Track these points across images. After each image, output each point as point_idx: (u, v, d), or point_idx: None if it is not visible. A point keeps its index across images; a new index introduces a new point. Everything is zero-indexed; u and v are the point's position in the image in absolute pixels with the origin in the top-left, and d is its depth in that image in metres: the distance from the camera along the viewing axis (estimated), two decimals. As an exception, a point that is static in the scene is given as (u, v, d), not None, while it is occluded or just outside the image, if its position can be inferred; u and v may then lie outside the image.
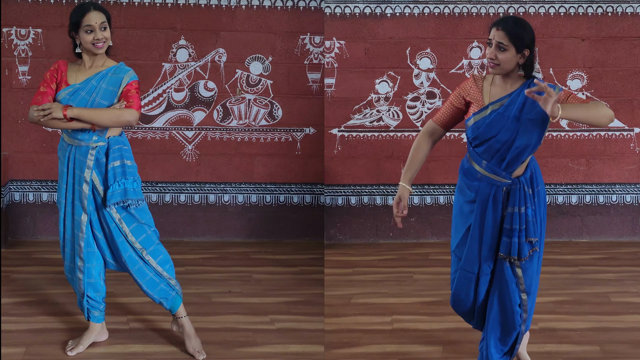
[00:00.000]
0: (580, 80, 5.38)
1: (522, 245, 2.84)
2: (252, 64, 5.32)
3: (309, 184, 5.42)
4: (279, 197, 5.43)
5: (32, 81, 5.19)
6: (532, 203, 2.86)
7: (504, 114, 2.82)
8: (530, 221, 2.84)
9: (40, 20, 5.14)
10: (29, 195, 5.28)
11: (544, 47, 5.32)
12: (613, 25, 5.34)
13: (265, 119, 5.37)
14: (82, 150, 3.24)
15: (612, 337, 3.63)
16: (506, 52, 2.76)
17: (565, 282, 4.49)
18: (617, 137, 5.42)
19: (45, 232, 5.28)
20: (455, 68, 5.39)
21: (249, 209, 5.41)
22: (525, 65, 2.81)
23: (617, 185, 5.45)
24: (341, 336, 3.69)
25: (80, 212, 3.27)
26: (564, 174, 5.46)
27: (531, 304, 3.02)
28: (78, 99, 3.19)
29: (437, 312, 3.96)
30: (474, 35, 5.35)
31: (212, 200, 5.39)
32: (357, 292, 4.34)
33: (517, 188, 2.84)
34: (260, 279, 4.53)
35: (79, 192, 3.26)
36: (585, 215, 5.47)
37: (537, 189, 2.92)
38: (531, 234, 2.85)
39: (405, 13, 5.37)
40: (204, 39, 5.25)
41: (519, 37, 2.76)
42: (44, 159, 5.24)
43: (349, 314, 3.99)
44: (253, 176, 5.39)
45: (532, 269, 2.94)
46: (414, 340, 3.63)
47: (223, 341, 3.57)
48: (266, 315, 3.90)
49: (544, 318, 3.85)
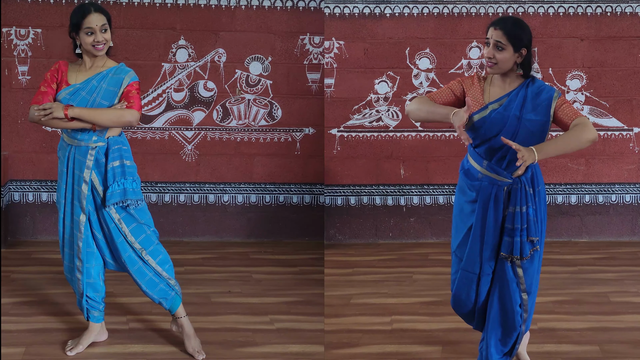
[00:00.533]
0: (580, 80, 5.38)
1: (524, 245, 2.85)
2: (252, 64, 5.32)
3: (309, 184, 5.42)
4: (279, 197, 5.43)
5: (31, 81, 5.19)
6: (533, 202, 2.87)
7: (504, 114, 2.83)
8: (531, 220, 2.85)
9: (40, 20, 5.14)
10: (29, 195, 5.28)
11: (543, 47, 5.32)
12: (612, 25, 5.34)
13: (265, 119, 5.37)
14: (81, 150, 3.24)
15: (612, 336, 3.63)
16: (504, 52, 2.79)
17: (565, 282, 4.49)
18: (616, 136, 5.42)
19: (44, 232, 5.28)
20: (454, 68, 5.39)
21: (248, 209, 5.41)
22: (523, 65, 2.83)
23: (616, 185, 5.46)
24: (341, 336, 3.69)
25: (79, 212, 3.27)
26: (563, 174, 5.46)
27: (531, 304, 3.02)
28: (78, 99, 3.19)
29: (437, 312, 3.96)
30: (473, 35, 5.35)
31: (212, 200, 5.39)
32: (357, 293, 4.34)
33: (519, 188, 2.85)
34: (259, 279, 4.54)
35: (78, 192, 3.26)
36: (584, 215, 5.48)
37: (537, 188, 2.93)
38: (532, 233, 2.86)
39: (405, 13, 5.37)
40: (203, 39, 5.25)
41: (517, 36, 2.78)
42: (43, 159, 5.24)
43: (348, 314, 3.99)
44: (252, 176, 5.40)
45: (532, 268, 2.94)
46: (413, 341, 3.63)
47: (223, 341, 3.57)
48: (266, 315, 3.91)
49: (543, 318, 3.85)
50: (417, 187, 5.45)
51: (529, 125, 2.84)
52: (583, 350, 3.48)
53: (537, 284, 3.02)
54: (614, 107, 5.40)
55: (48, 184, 5.27)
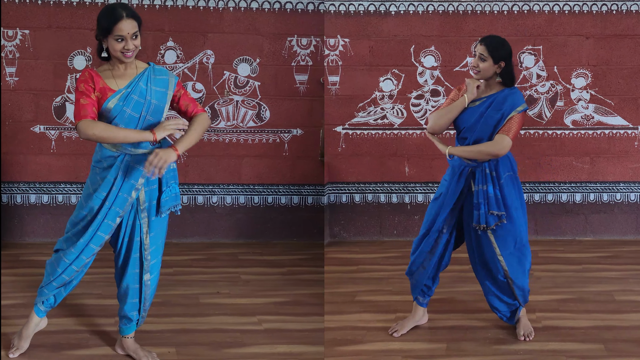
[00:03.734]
0: (585, 79, 5.37)
1: (488, 216, 3.45)
2: (240, 66, 5.32)
3: (297, 185, 5.42)
4: (267, 198, 5.43)
5: (19, 82, 5.17)
6: (494, 184, 3.46)
7: (476, 110, 3.47)
8: (491, 197, 3.44)
9: (28, 22, 5.13)
10: (17, 197, 5.25)
11: (548, 45, 5.32)
12: (618, 23, 5.33)
13: (253, 120, 5.36)
14: (137, 157, 3.10)
15: (616, 335, 3.63)
16: (485, 62, 3.43)
17: (569, 280, 4.48)
18: (621, 135, 5.41)
19: (32, 234, 5.26)
20: (459, 66, 5.39)
21: (237, 210, 5.41)
22: (502, 75, 3.46)
23: (621, 184, 5.45)
24: (345, 333, 3.69)
25: (115, 216, 3.14)
26: (568, 172, 5.45)
27: (509, 266, 3.52)
28: (132, 104, 3.05)
29: (441, 310, 3.96)
30: (478, 33, 5.35)
31: (201, 202, 5.39)
32: (361, 290, 4.34)
33: (480, 169, 3.47)
34: (248, 279, 4.53)
35: (122, 199, 3.12)
36: (589, 214, 5.47)
37: (506, 174, 3.48)
38: (493, 208, 3.44)
39: (410, 11, 5.37)
40: (191, 40, 5.24)
41: (497, 50, 3.42)
42: (31, 161, 5.22)
43: (352, 311, 3.99)
44: (241, 177, 5.39)
45: (504, 236, 3.50)
46: (417, 338, 3.63)
47: (211, 342, 3.55)
48: (254, 316, 3.89)
49: (547, 316, 3.85)
50: (421, 185, 5.45)
51: (487, 123, 3.43)
52: (587, 349, 3.47)
53: (515, 251, 3.54)
54: (619, 106, 5.39)
55: (36, 186, 5.25)
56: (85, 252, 3.17)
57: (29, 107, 5.21)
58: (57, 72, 5.19)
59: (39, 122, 5.23)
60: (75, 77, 5.19)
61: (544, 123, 5.42)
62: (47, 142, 5.24)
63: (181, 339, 3.57)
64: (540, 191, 5.47)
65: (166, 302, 4.02)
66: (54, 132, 5.24)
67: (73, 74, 5.20)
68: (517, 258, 3.55)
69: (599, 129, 5.42)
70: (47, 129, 5.24)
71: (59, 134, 5.24)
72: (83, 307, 3.94)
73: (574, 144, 5.43)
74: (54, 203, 5.27)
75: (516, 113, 3.40)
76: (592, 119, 5.41)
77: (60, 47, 5.17)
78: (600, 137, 5.42)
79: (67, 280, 3.23)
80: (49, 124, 5.24)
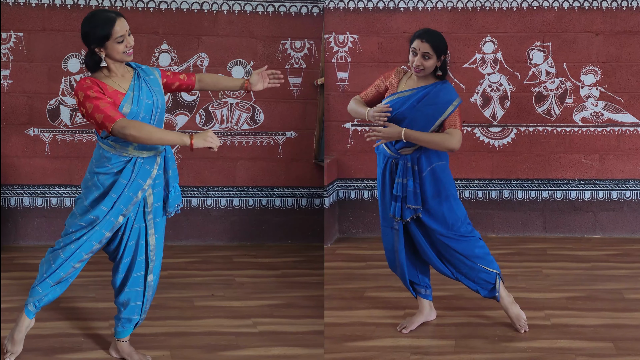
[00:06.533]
0: (594, 75, 5.36)
1: (404, 210, 3.49)
2: (234, 69, 5.32)
3: (291, 187, 5.42)
4: (262, 200, 5.43)
5: (13, 85, 5.17)
6: (415, 178, 3.46)
7: (406, 100, 3.45)
8: (410, 191, 3.46)
9: (22, 24, 5.12)
10: (10, 200, 5.24)
11: (557, 42, 5.30)
12: (627, 20, 5.31)
13: (247, 123, 5.36)
14: (150, 159, 3.13)
15: (626, 333, 3.62)
16: (430, 60, 3.42)
17: (578, 278, 4.48)
18: (630, 132, 5.40)
19: (26, 237, 5.25)
20: (468, 62, 5.38)
21: (231, 213, 5.41)
22: (441, 68, 3.46)
23: (630, 181, 5.43)
24: (354, 329, 3.70)
25: (118, 214, 3.14)
26: (577, 170, 5.44)
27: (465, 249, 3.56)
28: (144, 106, 3.06)
29: (449, 306, 3.96)
30: (487, 30, 5.34)
31: (195, 204, 5.39)
32: (370, 286, 4.35)
33: (403, 163, 3.48)
34: (243, 282, 4.53)
35: (129, 197, 3.13)
36: (598, 211, 5.46)
37: (429, 167, 3.47)
38: (410, 202, 3.47)
39: (419, 7, 5.36)
40: (186, 43, 5.24)
41: (439, 47, 3.42)
42: (25, 164, 5.21)
43: (361, 307, 4.00)
44: (236, 180, 5.39)
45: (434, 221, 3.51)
46: (426, 334, 3.63)
47: (206, 345, 3.55)
48: (249, 319, 3.88)
49: (556, 314, 3.85)
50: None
51: (422, 115, 3.42)
52: (596, 347, 3.47)
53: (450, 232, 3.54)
54: (629, 103, 5.38)
55: (30, 189, 5.24)
56: (84, 247, 3.16)
57: (23, 110, 5.19)
58: (52, 74, 5.17)
59: (33, 125, 5.21)
60: (69, 79, 5.18)
61: (552, 120, 5.41)
62: (41, 144, 5.23)
63: (176, 342, 3.57)
64: (549, 188, 5.46)
65: (161, 305, 4.00)
66: (48, 135, 5.23)
67: (67, 76, 5.19)
68: (457, 240, 3.56)
69: (609, 126, 5.40)
70: (41, 131, 5.22)
71: (53, 136, 5.22)
72: (77, 311, 3.92)
73: (583, 141, 5.42)
74: (48, 206, 5.26)
75: (453, 108, 3.42)
76: (602, 116, 5.40)
77: (55, 50, 5.16)
78: (610, 135, 5.41)
79: (63, 277, 3.19)
80: (43, 127, 5.22)
